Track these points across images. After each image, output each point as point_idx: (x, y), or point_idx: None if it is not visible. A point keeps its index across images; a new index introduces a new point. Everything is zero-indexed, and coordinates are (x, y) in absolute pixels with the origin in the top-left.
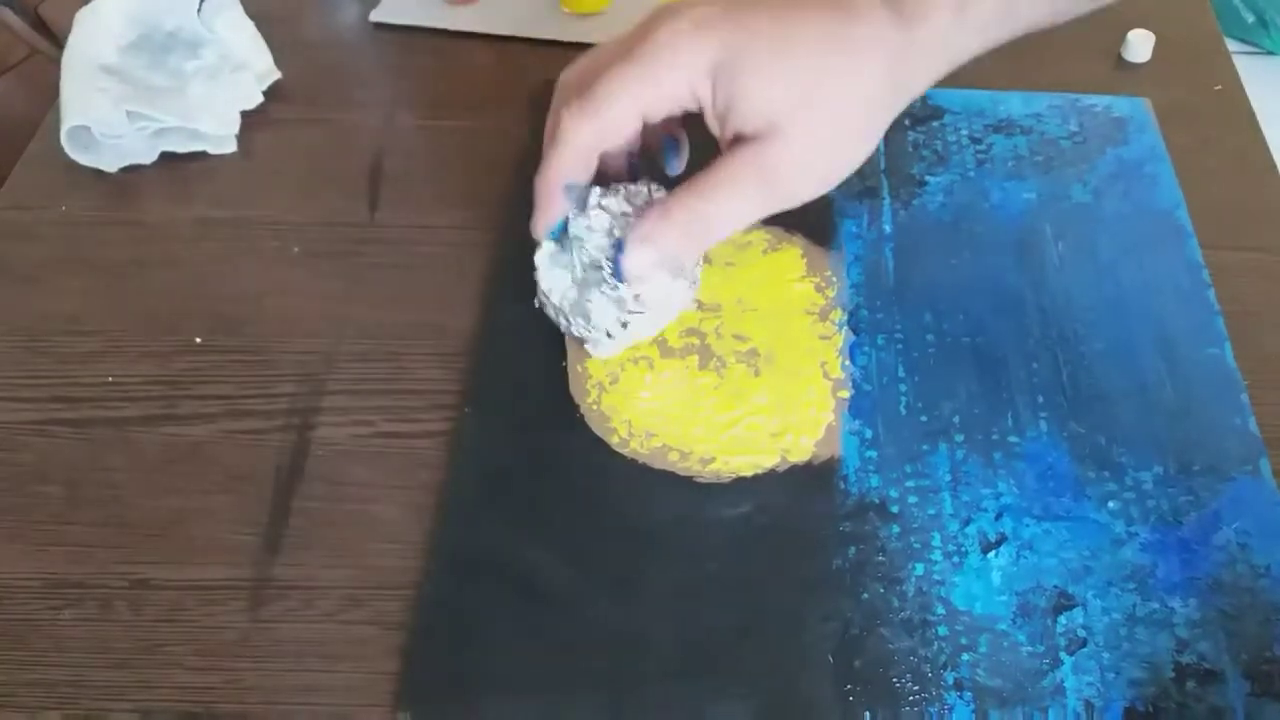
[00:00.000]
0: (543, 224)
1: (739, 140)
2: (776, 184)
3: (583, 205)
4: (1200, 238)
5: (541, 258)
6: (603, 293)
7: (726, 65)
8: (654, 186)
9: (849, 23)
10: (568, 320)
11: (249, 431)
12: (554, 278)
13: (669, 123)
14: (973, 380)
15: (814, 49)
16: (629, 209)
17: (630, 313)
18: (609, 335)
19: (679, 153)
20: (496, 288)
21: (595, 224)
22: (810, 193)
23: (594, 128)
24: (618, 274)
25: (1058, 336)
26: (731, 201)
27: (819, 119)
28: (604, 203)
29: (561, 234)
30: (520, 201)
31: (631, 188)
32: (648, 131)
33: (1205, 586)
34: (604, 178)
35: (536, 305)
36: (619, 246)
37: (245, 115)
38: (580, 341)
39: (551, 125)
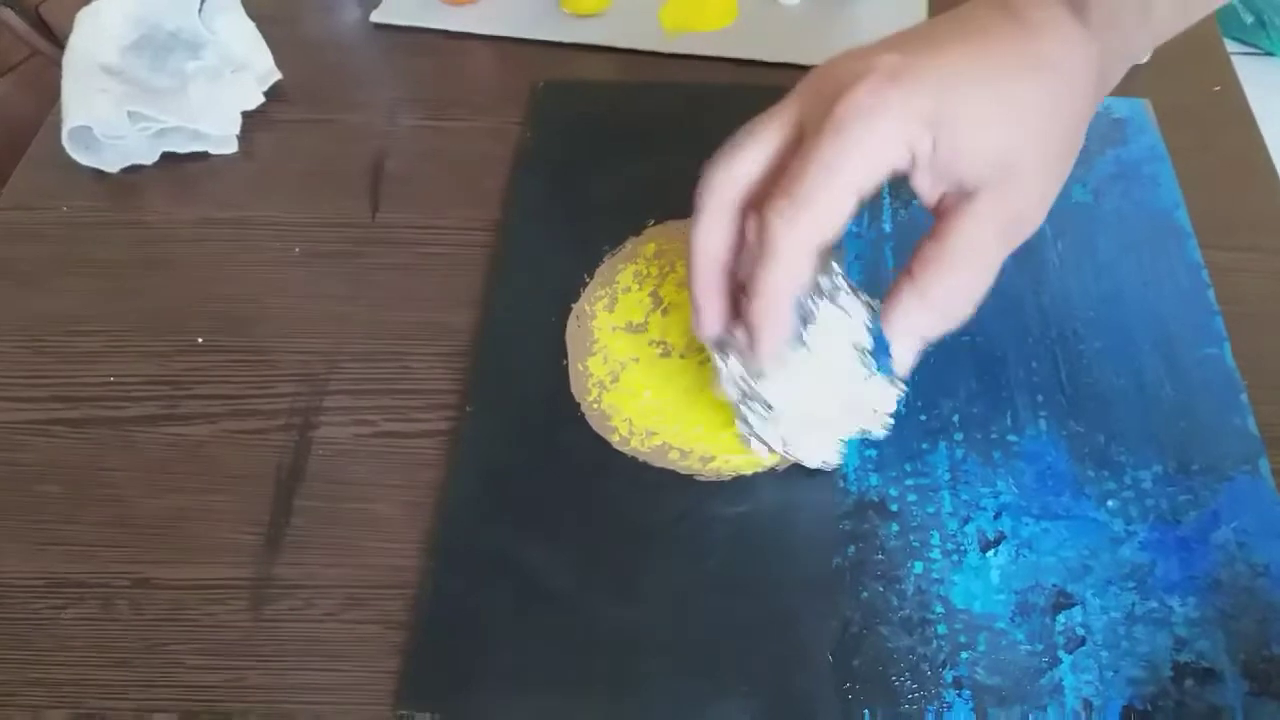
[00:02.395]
0: (771, 350)
1: (961, 191)
2: (1019, 228)
3: (806, 314)
4: (1199, 238)
5: (763, 379)
6: (861, 383)
7: (941, 109)
8: (840, 267)
9: (1040, 39)
10: (796, 444)
11: (250, 431)
12: (781, 391)
13: None
14: (972, 379)
15: (1023, 78)
16: (847, 294)
17: (891, 390)
18: (864, 431)
19: (843, 258)
20: (497, 287)
21: (827, 313)
22: (1042, 219)
23: (816, 225)
24: (886, 371)
25: (1057, 336)
26: (985, 261)
27: (1049, 150)
28: (815, 287)
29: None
30: (522, 199)
31: (830, 280)
32: None
33: (1204, 585)
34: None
35: (718, 395)
36: (880, 343)
37: (246, 116)
38: (813, 462)
39: (714, 238)
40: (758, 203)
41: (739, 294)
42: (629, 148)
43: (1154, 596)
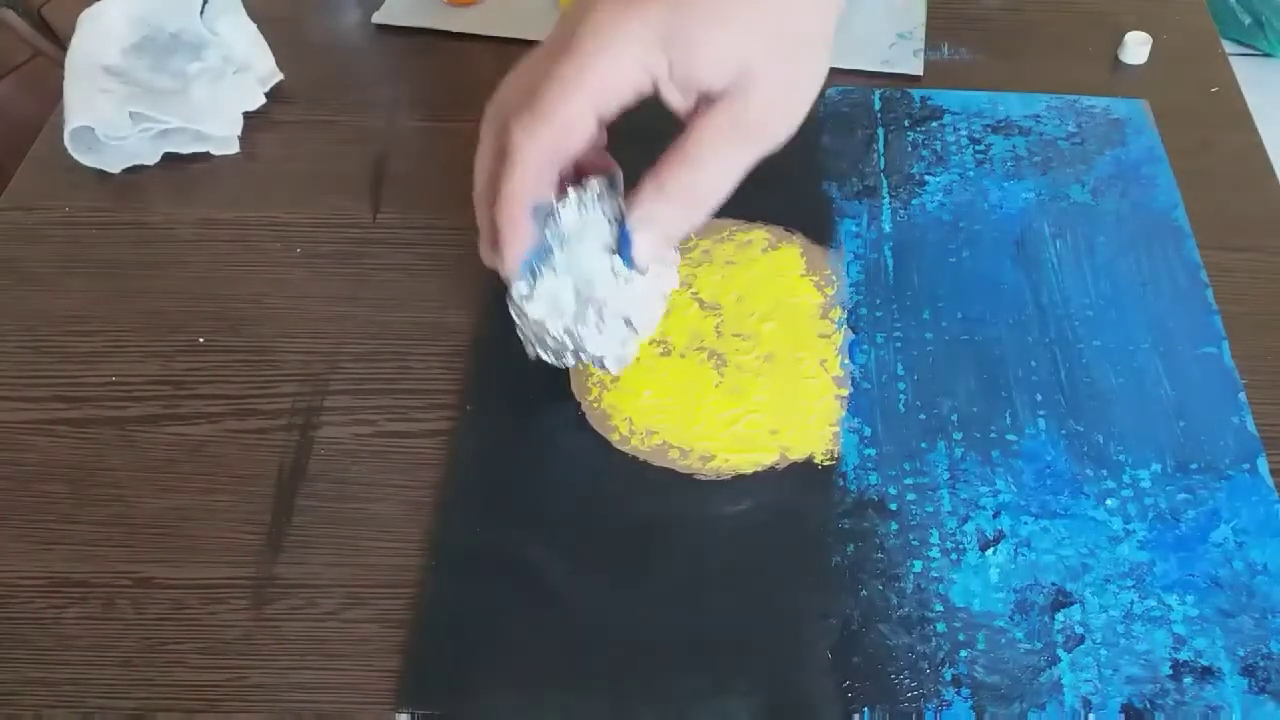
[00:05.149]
0: (517, 254)
1: (706, 99)
2: (761, 132)
3: (549, 221)
4: (1198, 237)
5: (520, 296)
6: (605, 284)
7: (676, 30)
8: (600, 180)
9: None
10: (577, 341)
11: (252, 431)
12: (543, 307)
13: (599, 152)
14: (971, 378)
15: None
16: (595, 197)
17: (637, 289)
18: (629, 325)
19: (618, 185)
20: (497, 287)
21: (569, 223)
22: (788, 131)
23: (550, 135)
24: (629, 265)
25: (1056, 335)
26: (722, 163)
27: (784, 54)
28: (571, 200)
29: (534, 263)
30: None
31: (580, 191)
32: (580, 167)
33: (1202, 584)
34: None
35: (532, 356)
36: (624, 235)
37: (248, 116)
38: (597, 362)
39: (489, 147)
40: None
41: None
42: (629, 148)
43: (1152, 595)
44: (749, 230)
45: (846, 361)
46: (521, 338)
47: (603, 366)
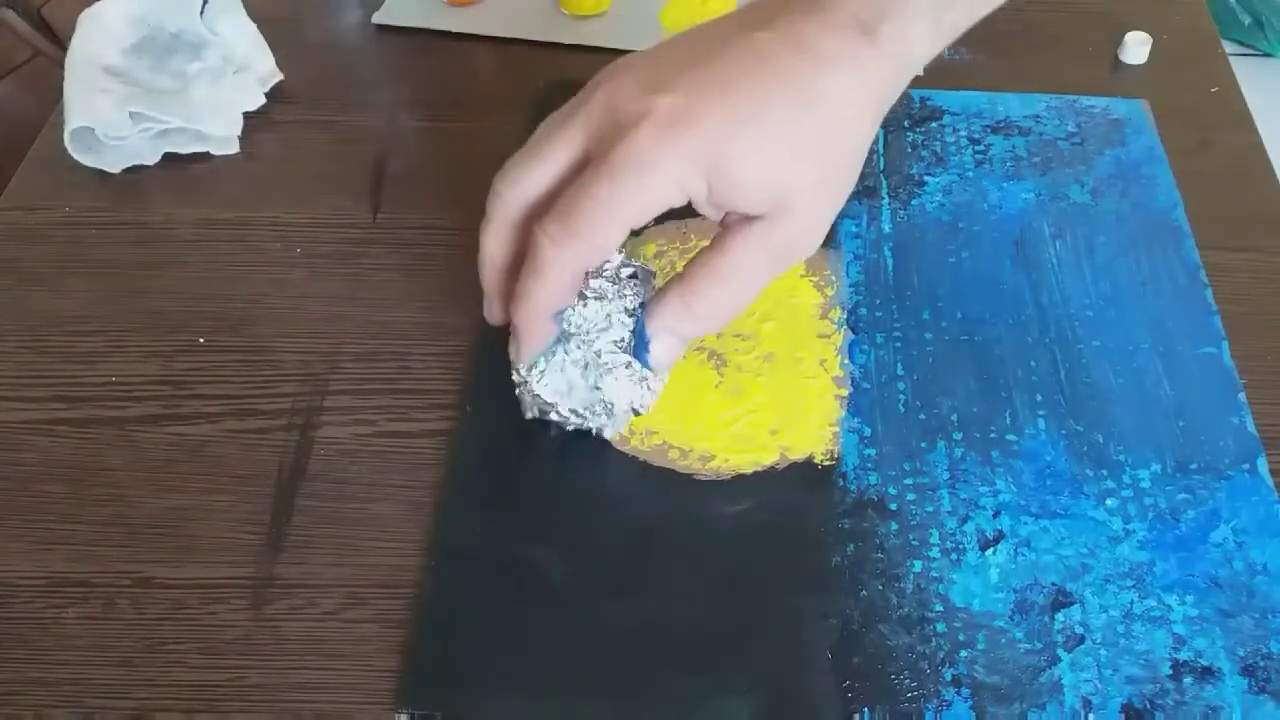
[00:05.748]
0: (529, 354)
1: (742, 217)
2: (793, 253)
3: (567, 310)
4: (1198, 238)
5: (530, 370)
6: (616, 376)
7: (717, 161)
8: (622, 266)
9: (824, 75)
10: (582, 418)
11: (252, 431)
12: (554, 386)
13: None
14: (971, 379)
15: (803, 118)
16: (604, 282)
17: (649, 385)
18: (632, 410)
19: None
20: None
21: (586, 313)
22: (819, 242)
23: (583, 254)
24: (645, 365)
25: (1056, 335)
26: (750, 282)
27: (823, 184)
28: (588, 293)
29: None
30: None
31: (603, 282)
32: None
33: (1202, 584)
34: None
35: (533, 415)
36: (642, 339)
37: (248, 116)
38: (599, 431)
39: (497, 247)
40: (539, 215)
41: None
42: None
43: (1152, 595)
44: None
45: (846, 362)
46: (519, 397)
47: (599, 436)
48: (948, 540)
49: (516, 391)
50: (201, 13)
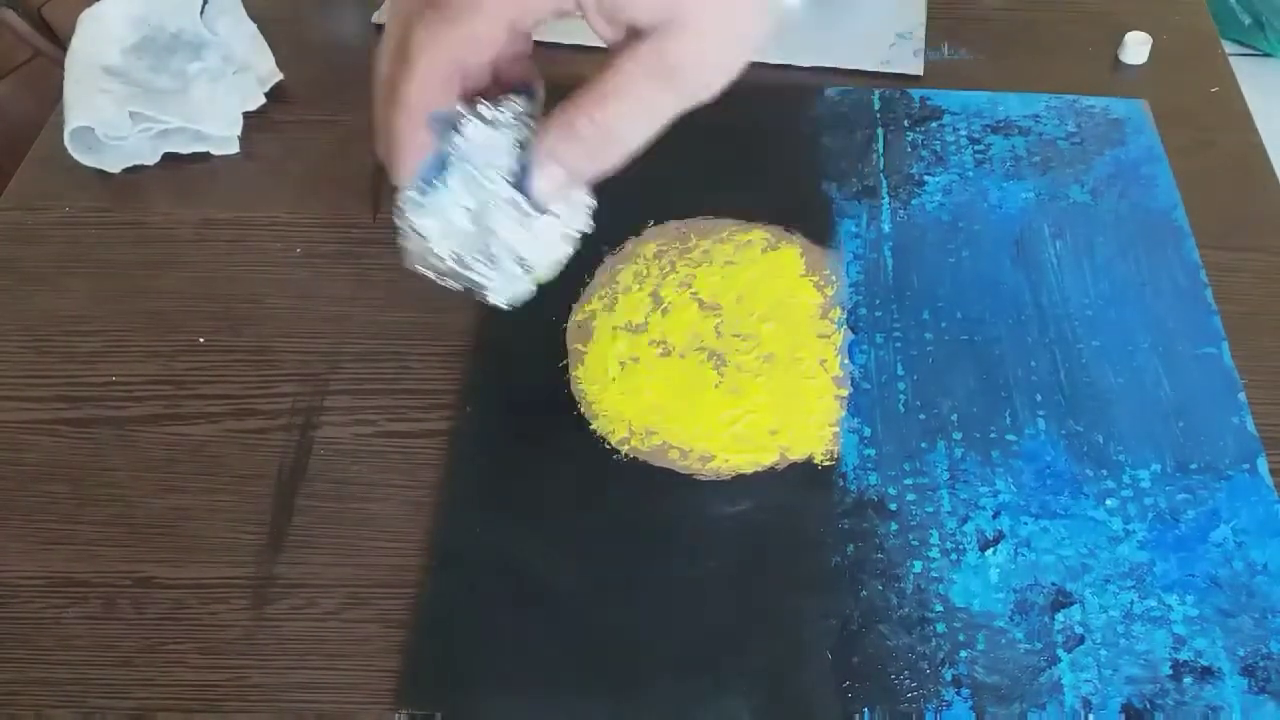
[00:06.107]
0: (409, 164)
1: (632, 35)
2: (684, 80)
3: (450, 134)
4: (1197, 237)
5: (409, 204)
6: (504, 215)
7: None
8: (520, 99)
9: None
10: (461, 264)
11: (252, 431)
12: (434, 224)
13: (521, 63)
14: (971, 379)
15: None
16: (502, 114)
17: (536, 228)
18: (521, 264)
19: (534, 98)
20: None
21: (472, 135)
22: (720, 83)
23: (456, 38)
24: (528, 196)
25: (1055, 335)
26: (639, 106)
27: (722, 10)
28: (476, 113)
29: (429, 174)
30: None
31: (493, 107)
32: (498, 76)
33: (1202, 584)
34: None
35: (414, 265)
36: (525, 169)
37: (248, 116)
38: (479, 289)
39: (391, 47)
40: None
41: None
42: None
43: (1152, 595)
44: (748, 230)
45: (846, 362)
46: (401, 247)
47: (484, 298)
48: (948, 540)
49: (399, 241)
50: (201, 13)
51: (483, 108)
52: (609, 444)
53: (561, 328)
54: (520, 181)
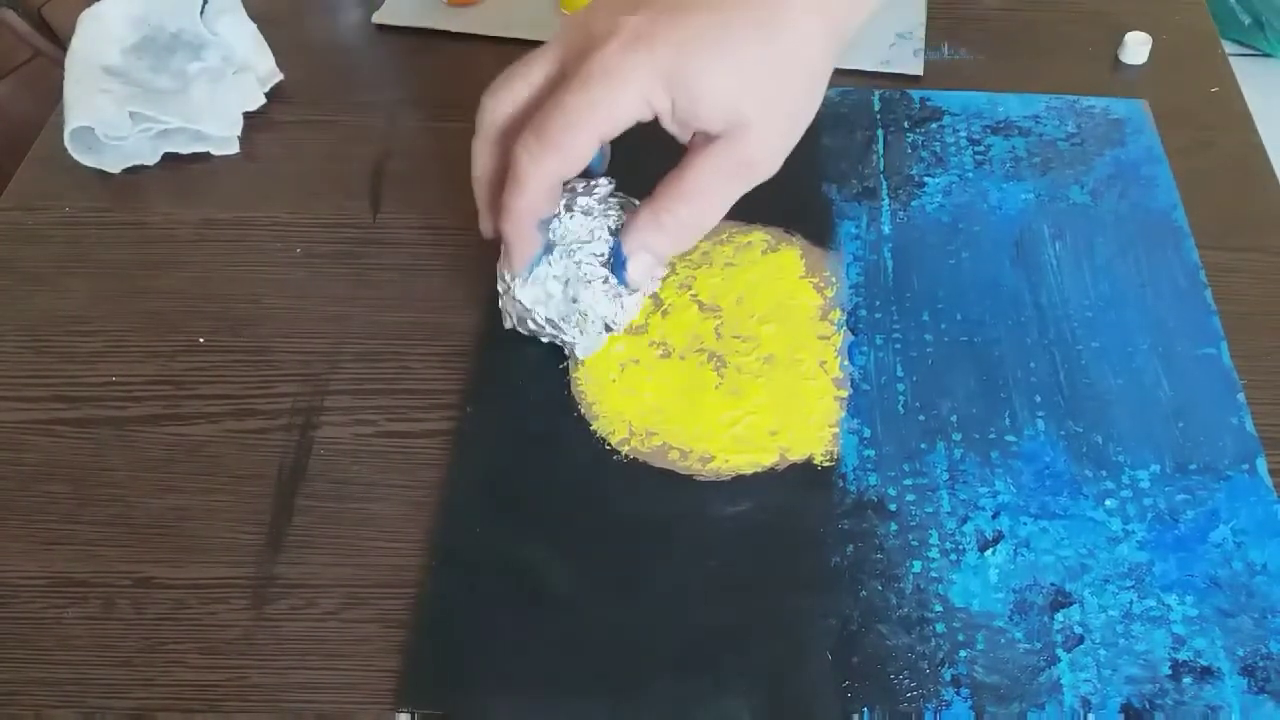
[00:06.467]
0: (522, 264)
1: (704, 136)
2: (752, 171)
3: (552, 221)
4: (1197, 238)
5: (513, 278)
6: (594, 290)
7: (679, 74)
8: (604, 181)
9: (781, 8)
10: (556, 329)
11: (252, 431)
12: (535, 293)
13: None
14: (970, 379)
15: (758, 47)
16: (593, 201)
17: (624, 299)
18: (607, 328)
19: (603, 153)
20: (497, 288)
21: (572, 226)
22: (778, 165)
23: (558, 164)
24: (622, 282)
25: (1055, 336)
26: (715, 197)
27: (779, 103)
28: (573, 202)
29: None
30: None
31: (578, 182)
32: None
33: (1202, 584)
34: None
35: (512, 325)
36: (618, 257)
37: (248, 116)
38: (568, 345)
39: (487, 144)
40: (519, 130)
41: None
42: (629, 147)
43: (1152, 595)
44: (748, 232)
45: (846, 363)
46: (502, 308)
47: (572, 354)
48: (947, 541)
49: (500, 303)
50: (201, 13)
51: (579, 200)
52: (609, 445)
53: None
54: (611, 266)
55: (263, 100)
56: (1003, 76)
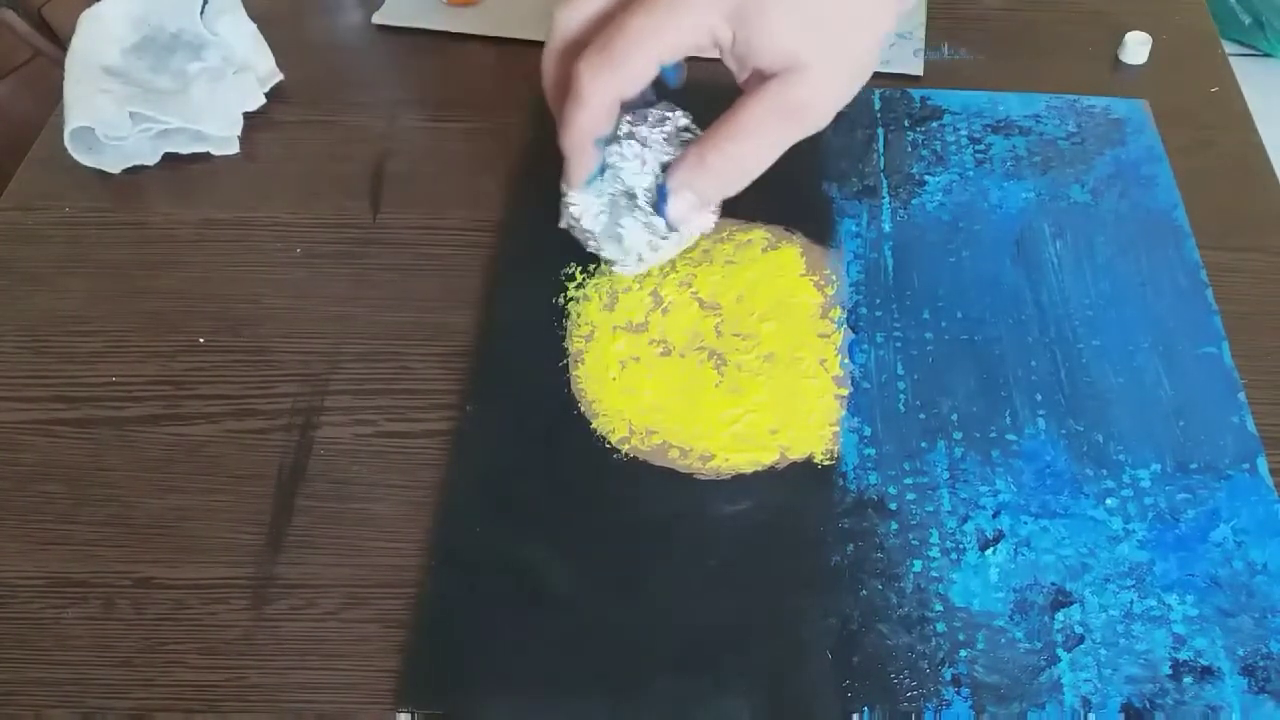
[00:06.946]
0: (579, 179)
1: (759, 76)
2: (806, 116)
3: (611, 142)
4: (1198, 237)
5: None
6: (635, 219)
7: (743, 7)
8: (671, 108)
9: None
10: (598, 243)
11: (252, 431)
12: (586, 202)
13: None
14: (971, 378)
15: None
16: (656, 134)
17: (662, 237)
18: (640, 259)
19: (678, 68)
20: (497, 288)
21: (626, 152)
22: (831, 115)
23: (617, 82)
24: (662, 216)
25: (1056, 335)
26: (765, 141)
27: (838, 49)
28: (634, 131)
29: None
30: (523, 200)
31: (653, 113)
32: None
33: (1202, 584)
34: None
35: (564, 225)
36: (661, 192)
37: (248, 116)
38: (608, 261)
39: (552, 68)
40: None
41: None
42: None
43: (1152, 594)
44: (749, 230)
45: (846, 361)
46: (560, 207)
47: (612, 269)
48: (947, 540)
49: (560, 204)
50: (201, 13)
51: (641, 128)
52: (609, 443)
53: (561, 328)
54: (655, 203)
55: (263, 100)
56: (1003, 76)
